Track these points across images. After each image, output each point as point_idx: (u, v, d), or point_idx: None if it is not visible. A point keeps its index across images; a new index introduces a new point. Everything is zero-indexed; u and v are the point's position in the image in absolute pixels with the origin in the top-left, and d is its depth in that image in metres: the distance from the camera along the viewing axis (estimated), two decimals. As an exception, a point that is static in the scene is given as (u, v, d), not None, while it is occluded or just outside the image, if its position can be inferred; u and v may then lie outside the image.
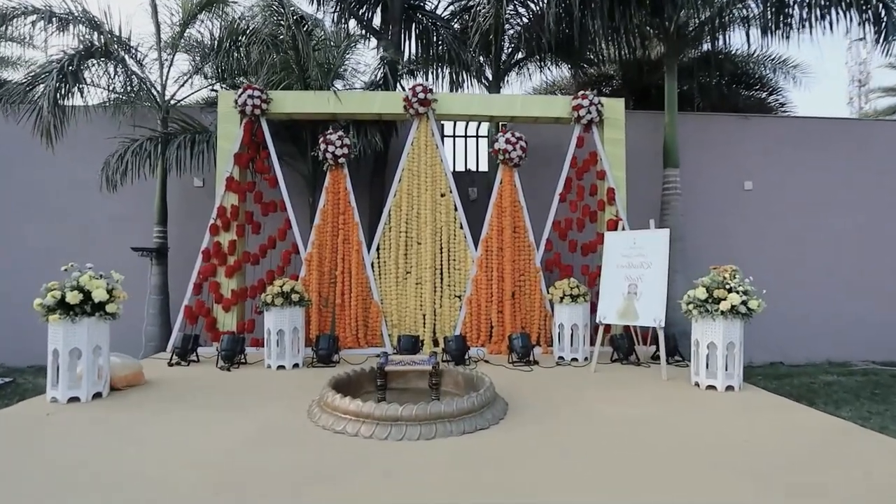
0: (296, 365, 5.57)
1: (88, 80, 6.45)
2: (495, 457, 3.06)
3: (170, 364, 5.62)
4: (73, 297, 4.07)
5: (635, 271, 5.51)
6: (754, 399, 4.40)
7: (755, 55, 10.11)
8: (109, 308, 4.29)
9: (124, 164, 6.63)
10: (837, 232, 8.81)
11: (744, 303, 4.52)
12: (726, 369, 4.59)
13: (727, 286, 4.63)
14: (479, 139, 9.44)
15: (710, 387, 4.62)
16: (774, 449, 3.19)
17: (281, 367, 5.49)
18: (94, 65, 6.46)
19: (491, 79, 8.15)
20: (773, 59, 10.25)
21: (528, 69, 9.11)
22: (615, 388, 4.72)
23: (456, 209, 6.63)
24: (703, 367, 4.67)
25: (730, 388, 4.58)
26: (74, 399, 4.11)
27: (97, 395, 4.26)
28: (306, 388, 4.52)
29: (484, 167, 9.35)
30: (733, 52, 9.42)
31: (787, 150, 8.78)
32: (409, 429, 3.37)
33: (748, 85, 10.39)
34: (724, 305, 4.52)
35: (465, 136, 9.43)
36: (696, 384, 4.73)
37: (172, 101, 7.66)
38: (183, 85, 7.69)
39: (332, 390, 3.79)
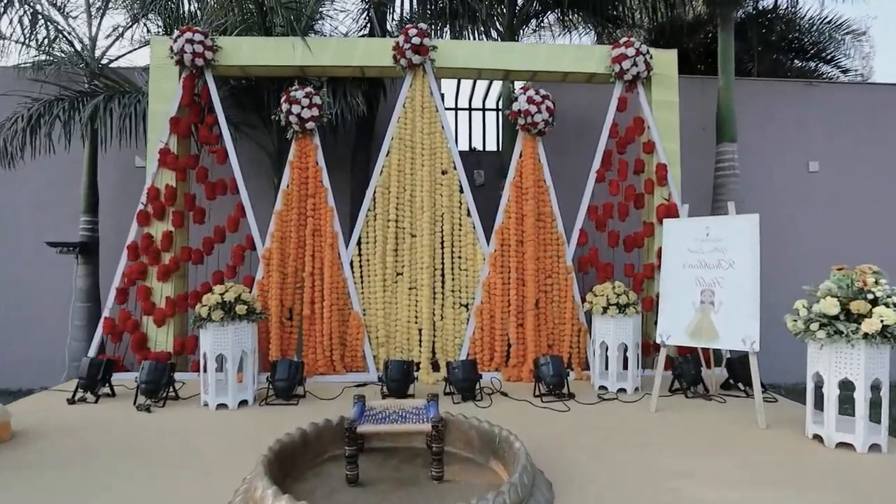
0: (243, 402, 4.05)
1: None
2: None
3: (71, 401, 4.09)
4: None
5: (711, 273, 3.99)
6: (924, 469, 2.89)
7: (807, 17, 8.62)
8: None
9: (24, 129, 5.04)
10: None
11: (899, 321, 3.02)
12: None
13: (869, 296, 3.12)
14: (487, 112, 7.91)
15: (844, 444, 3.12)
16: None
17: (222, 405, 3.97)
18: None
19: (503, 31, 6.58)
20: (829, 22, 8.73)
21: (546, 26, 7.58)
22: (698, 446, 3.21)
23: (462, 191, 5.10)
24: (832, 414, 3.16)
25: (875, 447, 3.08)
26: None
27: None
28: (248, 447, 3.05)
29: (492, 146, 7.84)
30: (795, 10, 7.91)
31: (860, 124, 7.27)
32: (390, 565, 1.87)
33: (800, 51, 8.86)
34: (868, 325, 3.01)
35: (470, 109, 7.90)
36: (818, 438, 3.24)
37: (105, 60, 6.12)
38: (118, 38, 6.14)
39: (264, 477, 2.26)
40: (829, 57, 8.80)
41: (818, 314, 3.18)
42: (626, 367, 4.44)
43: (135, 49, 6.36)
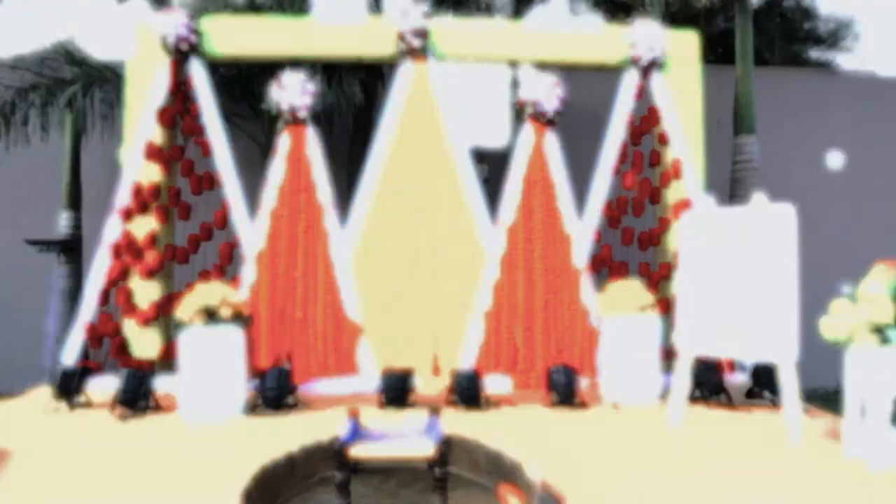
0: (229, 413, 3.73)
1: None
2: None
3: (44, 411, 3.79)
4: None
5: (738, 272, 3.67)
6: None
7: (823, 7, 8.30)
8: None
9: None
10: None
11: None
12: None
13: (923, 300, 2.79)
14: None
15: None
16: None
17: (205, 417, 3.65)
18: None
19: (508, 18, 6.26)
20: (845, 13, 8.41)
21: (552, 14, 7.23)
22: (725, 465, 2.91)
23: (465, 185, 4.78)
24: (880, 433, 2.84)
25: (931, 471, 2.76)
26: None
27: None
28: (232, 465, 2.64)
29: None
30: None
31: (883, 117, 6.94)
32: None
33: (817, 41, 8.53)
34: (924, 333, 2.69)
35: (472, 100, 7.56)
36: (860, 458, 2.91)
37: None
38: (102, 25, 5.81)
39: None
40: (845, 48, 8.48)
41: (865, 321, 2.85)
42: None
43: (120, 37, 6.03)
